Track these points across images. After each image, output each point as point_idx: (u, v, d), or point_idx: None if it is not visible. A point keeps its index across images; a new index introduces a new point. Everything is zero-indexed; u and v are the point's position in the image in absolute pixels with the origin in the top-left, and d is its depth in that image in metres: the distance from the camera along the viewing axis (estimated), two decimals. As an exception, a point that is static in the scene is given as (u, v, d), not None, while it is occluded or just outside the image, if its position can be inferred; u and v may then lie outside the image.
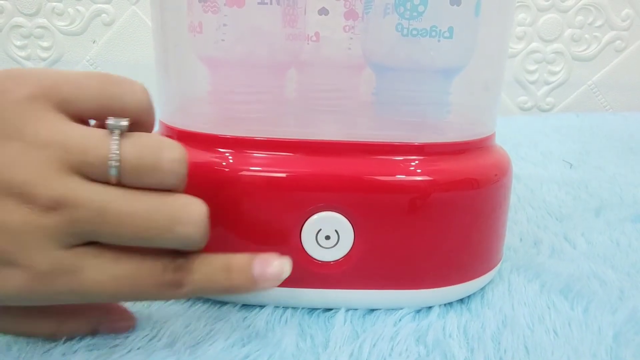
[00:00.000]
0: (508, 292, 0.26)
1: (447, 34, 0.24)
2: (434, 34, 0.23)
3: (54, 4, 0.71)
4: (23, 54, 0.72)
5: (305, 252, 0.23)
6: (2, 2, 0.71)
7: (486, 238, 0.25)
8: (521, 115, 0.76)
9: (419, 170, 0.23)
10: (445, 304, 0.25)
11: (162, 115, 0.26)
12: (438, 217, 0.23)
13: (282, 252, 0.23)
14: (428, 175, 0.23)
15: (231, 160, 0.23)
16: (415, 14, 0.23)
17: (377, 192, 0.23)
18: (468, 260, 0.25)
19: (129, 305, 0.23)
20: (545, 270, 0.28)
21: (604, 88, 0.75)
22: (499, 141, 0.28)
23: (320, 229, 0.23)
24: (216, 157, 0.23)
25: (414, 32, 0.23)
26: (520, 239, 0.32)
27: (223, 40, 0.25)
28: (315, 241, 0.23)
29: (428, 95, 0.26)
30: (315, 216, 0.23)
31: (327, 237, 0.23)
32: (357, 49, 0.27)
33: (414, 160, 0.23)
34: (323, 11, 0.27)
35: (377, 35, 0.25)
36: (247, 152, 0.23)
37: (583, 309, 0.24)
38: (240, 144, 0.23)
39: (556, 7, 0.71)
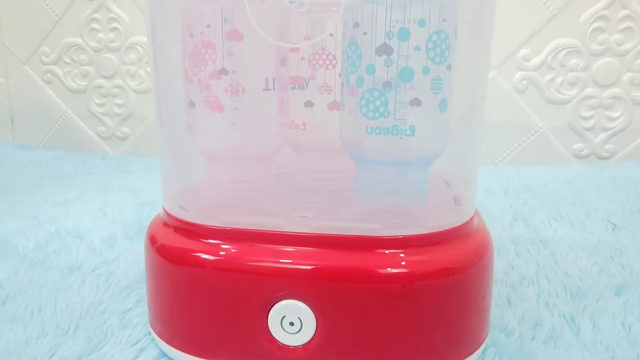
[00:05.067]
0: (481, 383, 0.25)
1: (408, 132, 0.25)
2: (395, 132, 0.25)
3: (128, 66, 0.80)
4: (102, 110, 0.82)
5: (272, 336, 0.25)
6: (87, 67, 0.81)
7: (459, 325, 0.26)
8: (577, 163, 0.72)
9: (394, 262, 0.24)
10: (413, 392, 0.25)
11: (164, 201, 0.29)
12: (407, 306, 0.24)
13: (252, 336, 0.25)
14: (398, 268, 0.24)
15: (208, 250, 0.25)
16: (377, 114, 0.25)
17: (339, 282, 0.24)
18: (438, 347, 0.25)
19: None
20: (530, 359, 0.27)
21: (672, 135, 0.69)
22: (542, 196, 0.27)
23: (284, 316, 0.24)
24: (196, 246, 0.26)
25: (377, 131, 0.25)
26: (520, 321, 0.31)
27: (228, 138, 0.28)
28: (280, 326, 0.25)
29: (403, 185, 0.27)
30: (280, 303, 0.24)
31: (292, 324, 0.24)
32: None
33: (385, 252, 0.24)
34: (308, 104, 0.30)
35: (347, 130, 0.26)
36: (224, 242, 0.25)
37: (555, 410, 0.23)
38: (221, 235, 0.26)
39: (612, 50, 0.67)
